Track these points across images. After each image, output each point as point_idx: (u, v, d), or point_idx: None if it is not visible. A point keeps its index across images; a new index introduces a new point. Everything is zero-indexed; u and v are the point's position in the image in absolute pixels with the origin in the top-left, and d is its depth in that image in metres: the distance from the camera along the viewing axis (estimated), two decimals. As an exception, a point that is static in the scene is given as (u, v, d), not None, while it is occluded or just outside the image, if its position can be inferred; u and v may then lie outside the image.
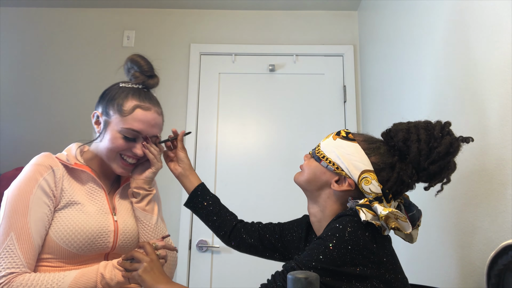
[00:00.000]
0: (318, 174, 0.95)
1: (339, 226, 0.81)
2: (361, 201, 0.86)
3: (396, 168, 0.88)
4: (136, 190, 1.06)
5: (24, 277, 0.87)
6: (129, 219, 1.07)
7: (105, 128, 1.03)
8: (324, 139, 0.98)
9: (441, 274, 1.28)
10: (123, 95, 1.04)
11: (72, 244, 0.94)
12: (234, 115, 2.48)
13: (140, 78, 1.09)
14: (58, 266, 0.95)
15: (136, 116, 1.01)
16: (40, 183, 0.94)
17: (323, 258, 0.78)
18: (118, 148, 1.02)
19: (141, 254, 0.94)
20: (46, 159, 0.99)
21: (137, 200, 1.07)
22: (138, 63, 1.09)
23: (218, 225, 1.18)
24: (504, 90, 0.96)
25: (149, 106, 1.04)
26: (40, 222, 0.92)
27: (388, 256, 0.82)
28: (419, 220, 0.91)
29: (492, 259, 0.88)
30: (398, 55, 1.80)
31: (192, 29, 2.60)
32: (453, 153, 0.86)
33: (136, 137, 1.02)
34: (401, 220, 0.83)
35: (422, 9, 1.52)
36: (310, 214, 0.99)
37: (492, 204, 1.00)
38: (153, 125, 1.04)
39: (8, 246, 0.88)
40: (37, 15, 2.62)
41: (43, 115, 2.47)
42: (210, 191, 1.21)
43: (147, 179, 1.07)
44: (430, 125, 0.89)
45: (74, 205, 0.98)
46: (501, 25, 0.99)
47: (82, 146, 1.09)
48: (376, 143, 0.92)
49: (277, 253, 1.14)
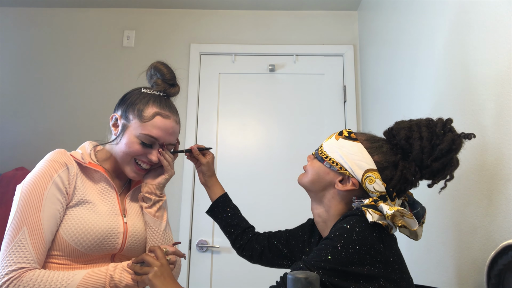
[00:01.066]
0: (322, 174, 0.95)
1: (346, 226, 0.81)
2: (366, 201, 0.85)
3: (399, 166, 0.88)
4: (148, 195, 1.07)
5: (34, 272, 0.87)
6: (138, 222, 1.07)
7: (123, 132, 1.04)
8: (327, 140, 0.98)
9: (441, 274, 1.28)
10: (144, 101, 1.05)
11: (81, 243, 0.94)
12: (234, 115, 2.48)
13: (162, 85, 1.10)
14: (65, 263, 0.95)
15: (155, 123, 1.02)
16: (54, 180, 0.95)
17: (332, 258, 0.78)
18: (134, 153, 1.03)
19: (151, 258, 0.94)
20: (61, 156, 0.99)
21: (147, 205, 1.07)
22: (161, 71, 1.11)
23: (235, 237, 1.21)
24: (504, 90, 0.96)
25: (169, 115, 1.05)
26: (53, 219, 0.93)
27: (394, 256, 0.82)
28: (423, 217, 0.92)
29: (492, 259, 0.88)
30: (398, 55, 1.80)
31: (192, 29, 2.60)
32: (455, 149, 0.86)
33: (153, 143, 1.04)
34: (407, 217, 0.83)
35: (422, 9, 1.52)
36: (315, 214, 0.99)
37: (492, 203, 1.00)
38: (171, 133, 1.05)
39: (20, 240, 0.88)
40: (37, 15, 2.62)
41: (43, 115, 2.47)
42: (232, 202, 1.25)
43: (159, 185, 1.08)
44: (432, 122, 0.90)
45: (86, 204, 0.99)
46: (502, 25, 0.99)
47: (96, 145, 1.10)
48: (379, 142, 0.92)
49: (286, 260, 1.15)
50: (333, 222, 0.93)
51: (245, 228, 1.21)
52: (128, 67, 2.52)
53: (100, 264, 0.99)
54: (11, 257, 0.87)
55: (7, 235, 0.90)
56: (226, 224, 1.21)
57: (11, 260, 0.87)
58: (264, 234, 1.21)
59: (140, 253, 1.07)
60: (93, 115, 2.44)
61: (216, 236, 2.28)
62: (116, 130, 1.06)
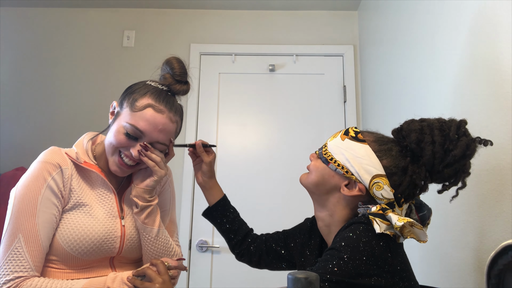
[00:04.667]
0: (327, 177, 0.90)
1: (352, 236, 0.77)
2: (374, 208, 0.82)
3: (409, 171, 0.83)
4: (136, 199, 0.98)
5: (32, 281, 0.85)
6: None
7: (114, 120, 0.98)
8: (331, 139, 0.92)
9: (441, 274, 1.28)
10: (142, 92, 0.96)
11: (77, 249, 0.91)
12: (234, 115, 2.48)
13: (168, 80, 1.02)
14: (61, 268, 0.92)
15: (144, 115, 0.93)
16: (49, 183, 0.91)
17: (338, 270, 0.75)
18: (118, 143, 0.95)
19: (154, 272, 0.89)
20: (54, 156, 0.94)
21: (137, 211, 0.99)
22: (171, 65, 1.02)
23: (234, 244, 1.16)
24: (505, 90, 0.96)
25: (163, 110, 0.95)
26: (48, 224, 0.89)
27: (402, 264, 0.79)
28: (429, 219, 0.89)
29: (492, 259, 0.88)
30: (398, 55, 1.80)
31: (192, 29, 2.60)
32: (469, 155, 0.82)
33: (138, 136, 0.94)
34: (416, 228, 0.79)
35: (422, 9, 1.52)
36: (318, 218, 0.95)
37: (492, 204, 1.00)
38: (161, 130, 0.95)
39: (16, 248, 0.85)
40: (37, 15, 2.62)
41: (43, 115, 2.47)
42: (231, 205, 1.19)
43: (147, 188, 0.98)
44: (445, 124, 0.84)
45: (82, 207, 0.95)
46: (502, 25, 0.99)
47: (94, 137, 1.04)
48: (388, 144, 0.87)
49: (284, 262, 1.12)
50: (336, 227, 0.90)
51: (244, 234, 1.16)
52: (128, 67, 2.52)
53: (97, 267, 0.96)
54: (8, 265, 0.84)
55: (3, 243, 0.87)
56: (225, 229, 1.16)
57: (8, 269, 0.84)
58: (261, 238, 1.16)
59: (139, 253, 1.04)
60: (93, 115, 2.43)
61: (216, 236, 2.28)
62: (112, 118, 1.00)
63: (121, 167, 0.97)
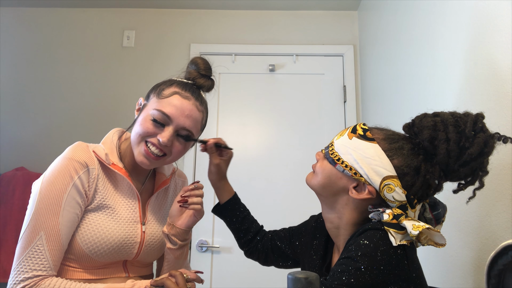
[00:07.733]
0: (334, 179, 0.85)
1: (369, 244, 0.73)
2: (386, 217, 0.76)
3: (422, 171, 0.78)
4: (174, 238, 0.96)
5: (51, 281, 0.84)
6: (157, 230, 1.02)
7: (140, 112, 0.98)
8: (338, 137, 0.88)
9: (441, 274, 1.28)
10: (169, 83, 0.99)
11: (96, 251, 0.90)
12: (234, 115, 2.48)
13: (193, 74, 1.04)
14: (73, 267, 0.91)
15: (171, 100, 0.94)
16: (75, 182, 0.89)
17: (355, 281, 0.71)
18: (145, 132, 0.93)
19: (173, 283, 0.87)
20: (82, 154, 0.92)
21: (173, 248, 0.98)
22: (196, 63, 1.06)
23: (244, 242, 1.15)
24: (505, 90, 0.96)
25: (189, 96, 0.96)
26: (71, 223, 0.88)
27: (416, 270, 0.76)
28: (443, 217, 0.86)
29: (492, 259, 0.88)
30: (398, 55, 1.80)
31: (192, 29, 2.60)
32: (487, 153, 0.76)
33: (165, 122, 0.93)
34: (433, 231, 0.75)
35: (422, 9, 1.52)
36: (326, 219, 0.91)
37: (492, 203, 1.00)
38: (187, 115, 0.94)
39: (37, 245, 0.84)
40: (37, 15, 2.62)
41: (43, 115, 2.47)
42: (242, 204, 1.17)
43: (188, 230, 0.98)
44: (460, 120, 0.78)
45: (105, 209, 0.94)
46: (502, 25, 0.99)
47: (122, 134, 1.04)
48: (399, 142, 0.81)
49: (290, 261, 1.11)
50: (346, 230, 0.86)
51: (255, 233, 1.14)
52: (128, 67, 2.52)
53: (109, 269, 0.95)
54: (27, 262, 0.83)
55: (22, 238, 0.85)
56: (234, 228, 1.15)
57: (27, 266, 0.83)
58: (268, 235, 1.15)
59: (153, 259, 1.03)
60: (93, 115, 2.43)
61: (216, 236, 2.28)
62: (138, 114, 1.00)
63: (148, 157, 0.94)
